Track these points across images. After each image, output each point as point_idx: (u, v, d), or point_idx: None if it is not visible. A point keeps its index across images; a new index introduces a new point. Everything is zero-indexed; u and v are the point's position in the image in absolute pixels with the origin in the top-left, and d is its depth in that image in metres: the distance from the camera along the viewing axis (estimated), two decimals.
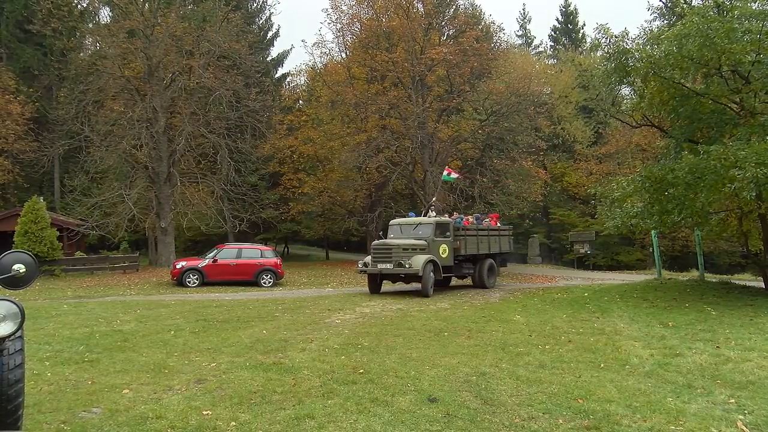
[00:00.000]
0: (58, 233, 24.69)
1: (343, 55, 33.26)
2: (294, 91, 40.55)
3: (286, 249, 42.40)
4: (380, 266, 17.05)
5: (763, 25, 13.53)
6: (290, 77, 40.51)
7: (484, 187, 28.35)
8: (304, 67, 39.70)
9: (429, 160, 28.50)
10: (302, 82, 39.89)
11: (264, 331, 10.59)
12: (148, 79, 28.45)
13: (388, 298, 16.73)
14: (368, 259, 17.80)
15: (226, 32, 28.71)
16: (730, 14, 14.07)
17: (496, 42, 32.73)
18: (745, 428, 5.16)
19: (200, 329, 10.94)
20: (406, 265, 16.76)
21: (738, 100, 15.15)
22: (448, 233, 18.34)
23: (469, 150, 30.94)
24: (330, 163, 32.52)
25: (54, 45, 31.06)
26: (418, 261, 16.81)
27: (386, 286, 19.27)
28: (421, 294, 17.00)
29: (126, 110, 27.81)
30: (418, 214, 21.19)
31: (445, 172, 21.99)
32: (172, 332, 10.57)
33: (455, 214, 21.35)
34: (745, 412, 5.61)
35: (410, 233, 18.00)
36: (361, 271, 18.24)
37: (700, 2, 17.32)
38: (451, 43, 29.28)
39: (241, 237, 31.17)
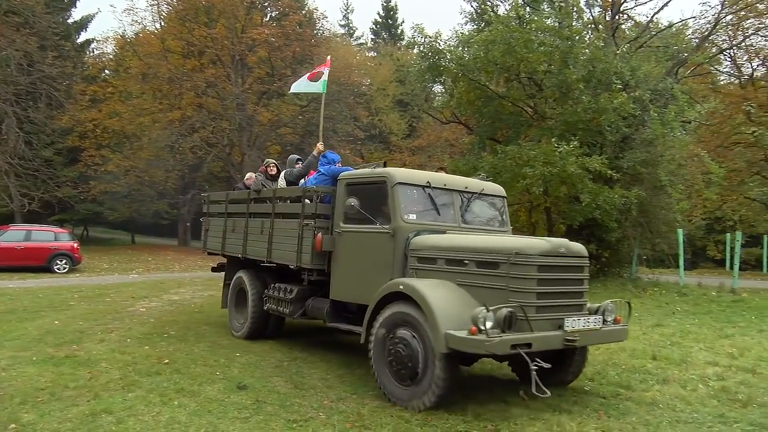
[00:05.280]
0: None
1: (158, 26, 31.06)
2: (99, 59, 36.99)
3: (85, 232, 38.78)
4: (572, 324, 5.38)
5: (554, 40, 15.18)
6: (95, 44, 36.81)
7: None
8: (112, 34, 36.48)
9: (247, 143, 27.86)
10: (110, 50, 36.53)
11: (56, 322, 9.61)
12: None
13: (198, 284, 16.08)
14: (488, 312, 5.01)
15: None
16: (529, 26, 15.59)
17: (319, 29, 32.92)
18: None
19: None
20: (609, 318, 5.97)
21: (533, 104, 16.89)
22: None
23: (289, 135, 30.77)
24: (139, 140, 30.26)
25: None
26: None
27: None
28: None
29: None
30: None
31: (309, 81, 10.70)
32: None
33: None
34: None
35: (461, 215, 6.80)
36: (517, 350, 4.96)
37: (506, 12, 18.94)
38: (274, 25, 28.84)
39: (32, 218, 27.81)
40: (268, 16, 31.29)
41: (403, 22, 53.98)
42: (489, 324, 4.93)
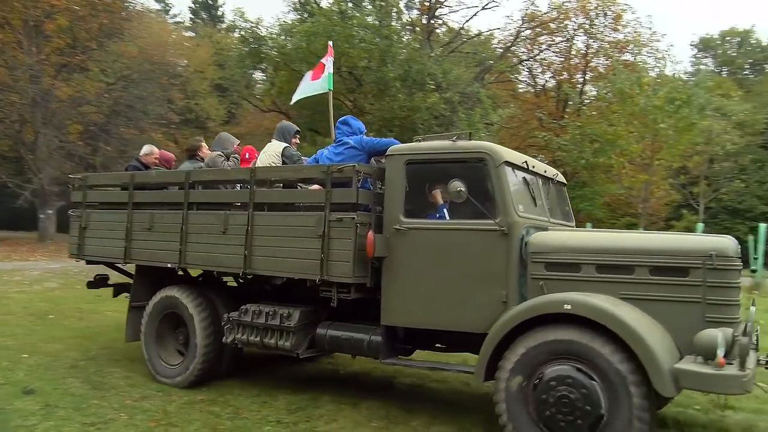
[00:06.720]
0: None
1: None
2: None
3: None
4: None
5: (374, 38, 15.70)
6: None
7: (108, 156, 26.27)
8: None
9: (42, 121, 24.94)
10: None
11: None
12: None
13: None
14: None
15: None
16: (351, 22, 15.95)
17: (131, 2, 30.51)
18: None
19: None
20: None
21: (352, 98, 17.31)
22: None
23: (92, 114, 28.10)
24: None
25: None
26: None
27: None
28: None
29: None
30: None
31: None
32: None
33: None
34: None
35: (538, 202, 5.13)
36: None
37: (329, 5, 19.19)
38: None
39: None
40: None
41: (225, 3, 52.15)
42: (721, 352, 3.66)
